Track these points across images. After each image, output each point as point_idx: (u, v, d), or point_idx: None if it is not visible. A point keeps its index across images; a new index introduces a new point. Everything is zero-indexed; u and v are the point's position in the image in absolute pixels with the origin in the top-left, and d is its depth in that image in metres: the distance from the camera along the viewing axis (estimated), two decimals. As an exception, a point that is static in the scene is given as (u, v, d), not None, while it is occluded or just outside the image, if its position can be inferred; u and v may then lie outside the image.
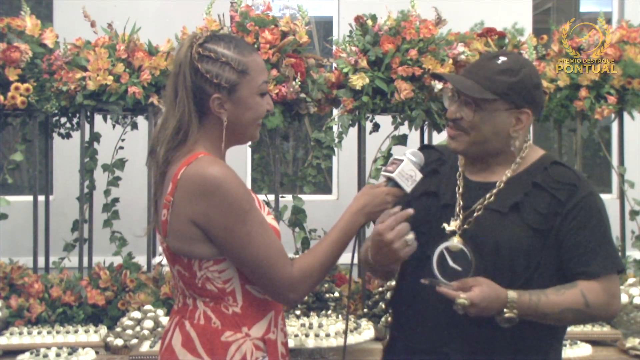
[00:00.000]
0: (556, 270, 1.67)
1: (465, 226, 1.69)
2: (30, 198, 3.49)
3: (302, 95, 3.14)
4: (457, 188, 1.75)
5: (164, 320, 2.91)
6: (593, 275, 1.65)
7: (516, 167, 1.73)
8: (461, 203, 1.72)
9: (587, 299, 1.62)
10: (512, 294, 1.58)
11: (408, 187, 1.65)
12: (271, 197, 3.35)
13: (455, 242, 1.66)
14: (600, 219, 1.68)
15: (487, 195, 1.71)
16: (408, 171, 1.65)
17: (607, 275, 1.66)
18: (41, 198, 3.55)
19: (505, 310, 1.58)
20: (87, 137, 3.37)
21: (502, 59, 1.70)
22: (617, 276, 1.70)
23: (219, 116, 1.57)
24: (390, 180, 1.65)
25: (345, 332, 1.83)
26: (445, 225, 1.70)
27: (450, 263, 1.64)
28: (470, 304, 1.55)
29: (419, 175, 1.66)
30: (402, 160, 1.66)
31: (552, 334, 1.72)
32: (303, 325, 2.79)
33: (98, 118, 3.48)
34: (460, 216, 1.70)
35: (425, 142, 3.38)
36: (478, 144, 1.70)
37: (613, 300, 1.68)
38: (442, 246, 1.66)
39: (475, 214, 1.70)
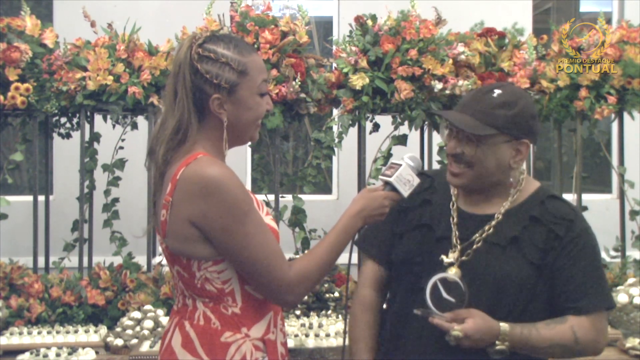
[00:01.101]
0: (548, 302, 1.68)
1: (463, 258, 1.69)
2: (30, 198, 3.49)
3: (302, 95, 3.14)
4: (451, 219, 1.75)
5: (164, 320, 2.91)
6: (583, 311, 1.66)
7: (513, 199, 1.73)
8: (457, 234, 1.72)
9: (577, 335, 1.64)
10: (504, 326, 1.59)
11: (405, 192, 1.66)
12: (271, 197, 3.35)
13: (450, 273, 1.66)
14: (594, 256, 1.70)
15: (486, 228, 1.70)
16: (406, 176, 1.65)
17: (597, 312, 1.67)
18: (41, 198, 3.55)
19: (497, 342, 1.59)
20: (87, 137, 3.37)
21: (497, 92, 1.68)
22: (606, 313, 1.72)
23: (219, 117, 1.57)
24: (387, 184, 1.66)
25: (344, 332, 1.83)
26: (443, 257, 1.70)
27: (444, 294, 1.64)
28: (463, 336, 1.56)
29: (416, 180, 1.67)
30: (400, 165, 1.66)
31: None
32: (303, 325, 2.79)
33: (98, 118, 3.48)
34: (458, 247, 1.70)
35: (425, 142, 3.38)
36: (481, 177, 1.70)
37: (601, 338, 1.69)
38: (435, 277, 1.66)
39: (474, 246, 1.70)
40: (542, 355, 1.67)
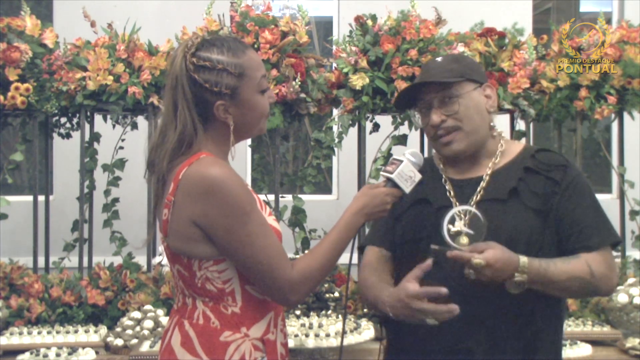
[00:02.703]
0: (557, 249, 1.70)
1: (467, 218, 1.69)
2: (30, 198, 3.49)
3: (302, 95, 3.14)
4: (447, 192, 1.77)
5: (164, 320, 2.91)
6: (593, 248, 1.68)
7: (498, 159, 1.78)
8: (457, 204, 1.74)
9: (592, 268, 1.65)
10: (523, 258, 1.59)
11: (407, 188, 1.66)
12: (271, 197, 3.35)
13: (467, 206, 1.67)
14: (592, 196, 1.75)
15: (482, 184, 1.74)
16: (407, 172, 1.65)
17: (606, 248, 1.71)
18: (41, 198, 3.55)
19: (516, 274, 1.58)
20: (87, 137, 3.37)
21: (439, 58, 1.83)
22: (612, 251, 1.74)
23: (225, 121, 1.57)
24: (389, 180, 1.66)
25: (342, 332, 1.83)
26: (450, 226, 1.69)
27: (463, 228, 1.64)
28: (485, 265, 1.54)
29: (418, 176, 1.67)
30: (401, 161, 1.66)
31: (559, 330, 1.76)
32: (303, 325, 2.79)
33: (98, 118, 3.47)
34: (462, 216, 1.71)
35: (425, 142, 3.38)
36: (473, 133, 1.74)
37: (612, 274, 1.71)
38: (452, 211, 1.66)
39: (474, 205, 1.71)
40: (559, 290, 1.67)
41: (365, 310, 3.10)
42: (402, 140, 3.26)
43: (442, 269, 1.63)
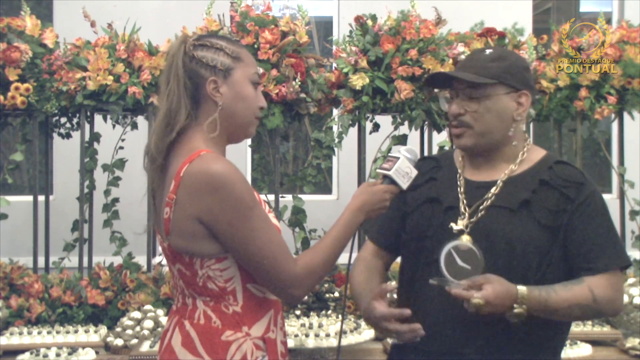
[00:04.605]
0: (566, 266, 1.67)
1: (472, 220, 1.69)
2: (30, 198, 3.49)
3: (302, 95, 3.14)
4: (458, 188, 1.76)
5: (164, 320, 2.91)
6: (599, 271, 1.65)
7: (517, 165, 1.75)
8: (465, 201, 1.73)
9: (595, 294, 1.62)
10: (522, 289, 1.57)
11: (404, 184, 1.67)
12: (271, 197, 3.34)
13: (464, 241, 1.65)
14: (606, 216, 1.71)
15: (493, 190, 1.71)
16: (404, 168, 1.67)
17: (613, 271, 1.66)
18: (41, 198, 3.55)
19: (515, 306, 1.56)
20: (87, 137, 3.37)
21: (489, 50, 1.77)
22: (621, 272, 1.70)
23: (214, 100, 1.58)
24: (386, 177, 1.67)
25: (339, 332, 1.84)
26: (452, 224, 1.70)
27: (459, 262, 1.63)
28: (485, 304, 1.53)
29: (414, 172, 1.68)
30: (397, 158, 1.67)
31: (561, 334, 1.74)
32: (303, 325, 2.79)
33: (98, 118, 3.47)
34: (467, 214, 1.71)
35: (425, 142, 3.38)
36: (484, 135, 1.72)
37: (618, 296, 1.68)
38: (449, 246, 1.65)
39: (481, 211, 1.70)
40: (562, 317, 1.66)
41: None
42: (402, 140, 3.26)
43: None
